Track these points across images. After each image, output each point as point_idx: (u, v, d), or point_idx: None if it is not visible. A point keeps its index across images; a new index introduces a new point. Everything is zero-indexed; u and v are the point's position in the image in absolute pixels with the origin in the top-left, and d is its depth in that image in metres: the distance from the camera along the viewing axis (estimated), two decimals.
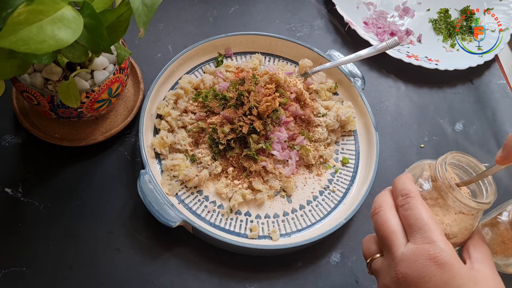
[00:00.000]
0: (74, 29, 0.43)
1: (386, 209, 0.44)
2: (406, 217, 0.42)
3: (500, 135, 0.80)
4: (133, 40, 0.80)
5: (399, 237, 0.42)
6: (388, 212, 0.44)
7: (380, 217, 0.44)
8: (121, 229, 0.64)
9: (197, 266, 0.63)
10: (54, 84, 0.59)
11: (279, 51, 0.80)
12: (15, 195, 0.64)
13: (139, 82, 0.73)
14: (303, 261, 0.65)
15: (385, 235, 0.43)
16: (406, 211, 0.43)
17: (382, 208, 0.44)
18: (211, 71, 0.74)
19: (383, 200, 0.45)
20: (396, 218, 0.43)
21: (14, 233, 0.62)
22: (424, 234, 0.41)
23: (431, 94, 0.84)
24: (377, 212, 0.45)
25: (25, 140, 0.68)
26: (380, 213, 0.44)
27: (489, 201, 0.44)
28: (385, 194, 0.46)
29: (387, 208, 0.44)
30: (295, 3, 0.91)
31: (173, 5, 0.86)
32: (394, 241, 0.42)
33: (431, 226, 0.41)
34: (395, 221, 0.43)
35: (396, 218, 0.43)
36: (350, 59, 0.74)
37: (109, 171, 0.68)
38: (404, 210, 0.43)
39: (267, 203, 0.67)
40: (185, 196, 0.65)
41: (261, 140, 0.66)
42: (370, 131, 0.72)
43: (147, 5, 0.48)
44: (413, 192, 0.44)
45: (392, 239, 0.42)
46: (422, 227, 0.41)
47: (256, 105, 0.65)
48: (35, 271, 0.59)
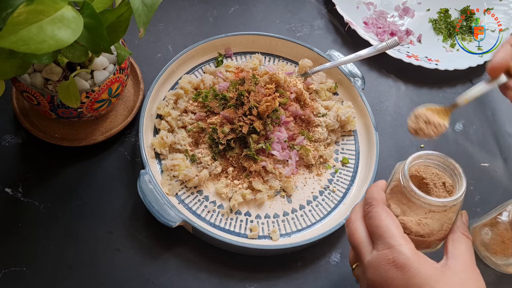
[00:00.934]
0: (74, 29, 0.43)
1: (355, 220, 0.47)
2: (369, 225, 0.45)
3: (500, 135, 0.80)
4: (133, 40, 0.80)
5: (365, 245, 0.44)
6: (356, 222, 0.46)
7: (350, 228, 0.47)
8: (121, 229, 0.64)
9: (197, 266, 0.63)
10: (54, 84, 0.59)
11: (279, 51, 0.80)
12: (15, 195, 0.64)
13: (139, 82, 0.73)
14: (303, 261, 0.65)
15: (355, 245, 0.46)
16: (369, 219, 0.45)
17: (351, 219, 0.47)
18: (211, 71, 0.74)
19: (354, 210, 0.48)
20: (362, 228, 0.46)
21: (14, 233, 0.62)
22: (384, 240, 0.43)
23: (431, 94, 0.84)
24: (348, 224, 0.47)
25: (25, 140, 0.68)
26: (350, 224, 0.47)
27: (456, 197, 0.44)
28: (358, 205, 0.49)
29: (356, 219, 0.47)
30: (295, 3, 0.91)
31: (173, 5, 0.86)
32: (362, 250, 0.45)
33: (390, 232, 0.43)
34: (361, 231, 0.46)
35: (363, 228, 0.46)
36: (350, 59, 0.74)
37: (109, 171, 0.68)
38: (368, 219, 0.45)
39: (267, 203, 0.67)
40: (185, 196, 0.65)
41: (261, 140, 0.66)
42: (370, 131, 0.72)
43: (147, 5, 0.48)
44: (376, 200, 0.46)
45: (360, 248, 0.45)
46: (382, 234, 0.43)
47: (256, 105, 0.65)
48: (35, 271, 0.59)
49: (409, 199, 0.45)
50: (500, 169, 0.77)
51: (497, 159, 0.78)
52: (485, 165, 0.77)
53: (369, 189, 0.48)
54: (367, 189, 0.48)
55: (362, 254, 0.44)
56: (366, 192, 0.48)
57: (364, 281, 0.44)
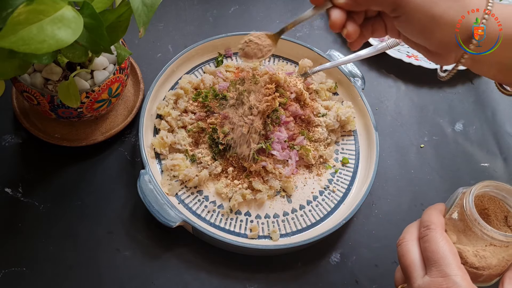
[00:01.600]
0: (74, 29, 0.43)
1: (408, 241, 0.45)
2: (425, 249, 0.43)
3: (500, 135, 0.80)
4: (133, 40, 0.80)
5: (417, 269, 0.43)
6: (410, 243, 0.45)
7: (402, 248, 0.45)
8: (121, 229, 0.64)
9: (197, 266, 0.63)
10: (54, 84, 0.59)
11: (279, 51, 0.79)
12: (15, 195, 0.64)
13: (139, 82, 0.73)
14: (303, 261, 0.65)
15: (405, 266, 0.44)
16: (425, 243, 0.44)
17: (405, 240, 0.45)
18: (211, 71, 0.74)
19: (408, 231, 0.47)
20: (416, 250, 0.44)
21: (14, 233, 0.62)
22: (439, 267, 0.41)
23: (431, 94, 0.84)
24: (400, 244, 0.46)
25: (25, 140, 0.68)
26: (402, 244, 0.45)
27: None
28: (412, 225, 0.47)
29: (410, 240, 0.45)
30: (295, 3, 0.91)
31: (173, 5, 0.86)
32: (412, 273, 0.43)
33: (447, 260, 0.41)
34: (415, 253, 0.44)
35: (417, 250, 0.44)
36: (350, 59, 0.74)
37: (109, 171, 0.68)
38: (423, 242, 0.44)
39: (267, 203, 0.67)
40: (185, 196, 0.65)
41: (261, 140, 0.66)
42: (370, 131, 0.72)
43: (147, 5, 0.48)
44: (434, 224, 0.44)
45: (410, 270, 0.43)
46: (437, 261, 0.42)
47: (256, 105, 0.65)
48: (35, 271, 0.59)
49: (468, 228, 0.44)
50: (500, 169, 0.77)
51: (497, 159, 0.78)
52: (485, 165, 0.77)
53: (428, 211, 0.46)
54: (425, 211, 0.47)
55: (413, 277, 0.43)
56: (424, 213, 0.46)
57: None
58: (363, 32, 0.51)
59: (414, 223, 0.47)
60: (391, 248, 0.67)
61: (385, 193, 0.72)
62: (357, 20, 0.50)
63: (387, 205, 0.71)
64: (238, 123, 0.66)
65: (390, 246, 0.68)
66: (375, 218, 0.70)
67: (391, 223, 0.70)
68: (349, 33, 0.49)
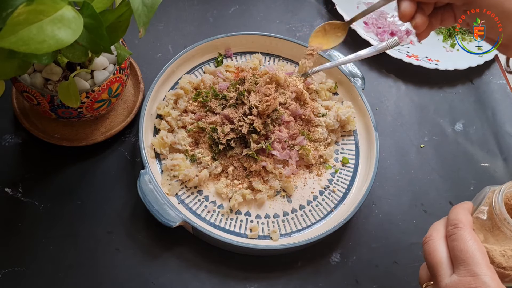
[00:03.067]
0: (74, 29, 0.43)
1: (435, 239, 0.45)
2: (452, 248, 0.43)
3: (500, 135, 0.80)
4: (133, 40, 0.80)
5: (444, 267, 0.43)
6: (437, 242, 0.44)
7: (429, 246, 0.45)
8: (121, 229, 0.64)
9: (197, 266, 0.63)
10: (54, 84, 0.59)
11: (279, 51, 0.80)
12: (15, 195, 0.64)
13: (139, 82, 0.73)
14: (303, 261, 0.65)
15: (432, 265, 0.44)
16: (453, 242, 0.43)
17: (432, 238, 0.45)
18: (211, 71, 0.74)
19: (435, 229, 0.46)
20: (443, 248, 0.44)
21: (14, 233, 0.62)
22: (468, 266, 0.41)
23: (431, 94, 0.84)
24: (427, 241, 0.45)
25: (25, 140, 0.68)
26: (429, 242, 0.45)
27: None
28: (439, 223, 0.47)
29: (437, 238, 0.45)
30: (295, 3, 0.91)
31: (173, 5, 0.86)
32: (439, 271, 0.43)
33: (475, 259, 0.41)
34: (442, 251, 0.44)
35: (444, 248, 0.44)
36: (350, 59, 0.74)
37: (109, 171, 0.68)
38: (451, 240, 0.43)
39: (267, 203, 0.67)
40: (185, 196, 0.65)
41: (261, 140, 0.66)
42: (370, 131, 0.72)
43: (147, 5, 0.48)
44: (462, 222, 0.44)
45: (437, 269, 0.43)
46: (466, 260, 0.41)
47: (256, 105, 0.65)
48: (35, 271, 0.59)
49: (497, 227, 0.43)
50: (500, 169, 0.77)
51: (497, 159, 0.78)
52: (485, 165, 0.77)
53: (455, 210, 0.46)
54: (452, 209, 0.46)
55: (440, 276, 0.42)
56: (451, 211, 0.46)
57: None
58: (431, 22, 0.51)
59: (440, 221, 0.47)
60: (391, 248, 0.68)
61: (385, 193, 0.72)
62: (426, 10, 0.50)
63: (387, 205, 0.71)
64: (238, 123, 0.66)
65: (390, 246, 0.68)
66: (375, 218, 0.70)
67: (391, 223, 0.70)
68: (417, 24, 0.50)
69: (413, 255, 0.67)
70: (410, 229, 0.69)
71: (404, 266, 0.66)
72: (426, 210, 0.71)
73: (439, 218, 0.71)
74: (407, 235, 0.69)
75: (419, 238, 0.68)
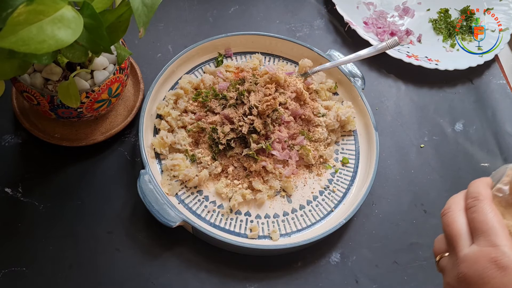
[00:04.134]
0: (74, 29, 0.43)
1: (454, 211, 0.45)
2: (472, 219, 0.43)
3: (500, 135, 0.80)
4: (133, 40, 0.80)
5: (463, 238, 0.43)
6: (456, 213, 0.45)
7: (448, 217, 0.45)
8: (121, 229, 0.64)
9: (197, 266, 0.63)
10: (54, 84, 0.59)
11: (279, 51, 0.80)
12: (15, 195, 0.64)
13: (139, 82, 0.73)
14: (303, 261, 0.65)
15: (451, 236, 0.44)
16: (473, 213, 0.43)
17: (451, 209, 0.46)
18: (211, 71, 0.74)
19: (454, 201, 0.47)
20: (463, 220, 0.44)
21: (14, 233, 0.62)
22: (488, 237, 0.41)
23: (431, 94, 0.84)
24: (446, 213, 0.46)
25: (25, 140, 0.68)
26: (448, 213, 0.45)
27: None
28: (458, 196, 0.47)
29: (456, 210, 0.45)
30: (295, 3, 0.91)
31: (173, 5, 0.86)
32: (458, 242, 0.43)
33: (495, 230, 0.41)
34: (462, 223, 0.44)
35: (463, 220, 0.44)
36: (350, 59, 0.74)
37: (109, 171, 0.68)
38: (471, 212, 0.44)
39: (267, 203, 0.67)
40: (185, 196, 0.65)
41: (261, 140, 0.66)
42: (370, 131, 0.72)
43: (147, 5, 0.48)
44: (483, 195, 0.44)
45: (456, 240, 0.43)
46: (486, 231, 0.42)
47: (256, 105, 0.65)
48: (35, 271, 0.59)
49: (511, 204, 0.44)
50: None
51: (497, 159, 0.78)
52: (485, 165, 0.77)
53: (474, 183, 0.46)
54: (471, 183, 0.47)
55: (458, 246, 0.43)
56: (470, 185, 0.46)
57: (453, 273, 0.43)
58: None
59: (458, 194, 0.47)
60: (391, 248, 0.68)
61: (385, 193, 0.72)
62: None
63: (387, 205, 0.71)
64: (238, 123, 0.66)
65: (390, 246, 0.68)
66: (375, 218, 0.70)
67: (391, 223, 0.70)
68: None
69: (413, 255, 0.67)
70: (410, 229, 0.69)
71: (404, 266, 0.66)
72: (426, 210, 0.71)
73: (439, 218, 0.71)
74: (407, 235, 0.69)
75: (419, 238, 0.69)
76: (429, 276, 0.66)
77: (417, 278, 0.66)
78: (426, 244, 0.68)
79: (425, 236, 0.69)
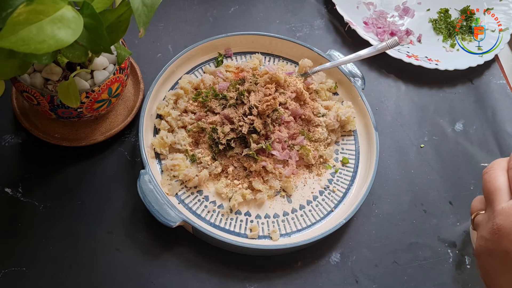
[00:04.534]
0: (74, 29, 0.43)
1: (496, 169, 0.48)
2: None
3: (500, 135, 0.80)
4: (133, 40, 0.80)
5: (502, 194, 0.45)
6: (498, 171, 0.47)
7: (489, 175, 0.48)
8: (121, 229, 0.64)
9: (197, 266, 0.63)
10: (54, 84, 0.59)
11: (279, 51, 0.80)
12: (15, 195, 0.64)
13: (139, 82, 0.73)
14: (303, 261, 0.65)
15: (490, 191, 0.46)
16: None
17: (493, 168, 0.48)
18: (211, 71, 0.74)
19: (496, 162, 0.49)
20: (503, 178, 0.47)
21: (14, 233, 0.62)
22: None
23: (431, 94, 0.84)
24: (487, 171, 0.48)
25: (25, 140, 0.68)
26: (489, 171, 0.48)
27: None
28: (500, 159, 0.50)
29: (497, 169, 0.48)
30: (295, 3, 0.91)
31: (173, 5, 0.86)
32: (496, 197, 0.45)
33: None
34: (502, 180, 0.46)
35: (504, 178, 0.47)
36: (350, 59, 0.74)
37: (109, 171, 0.68)
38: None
39: (267, 203, 0.67)
40: (185, 196, 0.65)
41: (261, 140, 0.66)
42: (370, 131, 0.72)
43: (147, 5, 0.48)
44: None
45: (496, 194, 0.46)
46: None
47: (256, 105, 0.65)
48: (35, 271, 0.59)
49: None
50: None
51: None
52: (485, 165, 0.77)
53: None
54: None
55: (496, 200, 0.45)
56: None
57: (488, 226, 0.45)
58: None
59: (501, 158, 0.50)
60: (391, 248, 0.68)
61: (385, 193, 0.72)
62: None
63: (387, 205, 0.71)
64: (238, 123, 0.66)
65: (390, 246, 0.68)
66: (375, 218, 0.70)
67: (391, 223, 0.70)
68: None
69: (412, 255, 0.67)
70: (410, 229, 0.69)
71: (404, 266, 0.66)
72: (426, 210, 0.71)
73: (439, 218, 0.71)
74: (407, 235, 0.69)
75: (419, 238, 0.69)
76: (429, 276, 0.66)
77: (417, 278, 0.66)
78: (426, 244, 0.68)
79: (425, 236, 0.69)
